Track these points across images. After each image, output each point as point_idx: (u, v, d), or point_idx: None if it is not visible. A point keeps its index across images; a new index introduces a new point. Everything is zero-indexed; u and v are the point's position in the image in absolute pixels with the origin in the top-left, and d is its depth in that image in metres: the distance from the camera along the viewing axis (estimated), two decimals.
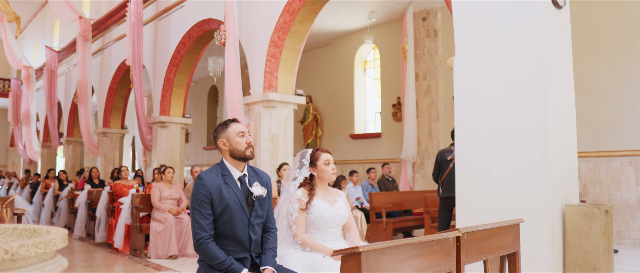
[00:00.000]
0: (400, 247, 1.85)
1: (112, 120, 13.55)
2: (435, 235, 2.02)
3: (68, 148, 16.13)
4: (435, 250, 2.00)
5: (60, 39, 19.15)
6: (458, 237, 2.15)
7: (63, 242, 1.30)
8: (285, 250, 3.17)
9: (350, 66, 13.33)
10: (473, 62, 4.60)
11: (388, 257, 1.79)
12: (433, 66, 10.62)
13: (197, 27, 9.52)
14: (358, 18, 11.83)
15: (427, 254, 1.95)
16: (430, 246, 1.98)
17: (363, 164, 12.37)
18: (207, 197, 2.66)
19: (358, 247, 1.69)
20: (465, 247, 2.18)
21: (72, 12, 12.68)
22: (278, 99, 7.73)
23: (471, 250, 2.23)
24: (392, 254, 1.81)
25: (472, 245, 2.24)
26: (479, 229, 2.28)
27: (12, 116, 19.47)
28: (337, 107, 13.60)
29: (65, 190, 10.36)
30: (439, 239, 2.03)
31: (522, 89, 4.23)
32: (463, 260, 2.15)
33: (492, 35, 4.44)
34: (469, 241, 2.20)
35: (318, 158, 3.31)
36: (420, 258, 1.93)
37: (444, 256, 2.04)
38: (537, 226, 4.03)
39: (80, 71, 12.95)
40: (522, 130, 4.22)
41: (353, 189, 9.20)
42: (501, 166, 4.33)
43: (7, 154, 25.07)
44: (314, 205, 3.18)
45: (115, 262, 6.93)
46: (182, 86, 10.65)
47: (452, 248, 2.11)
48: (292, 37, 7.67)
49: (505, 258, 2.61)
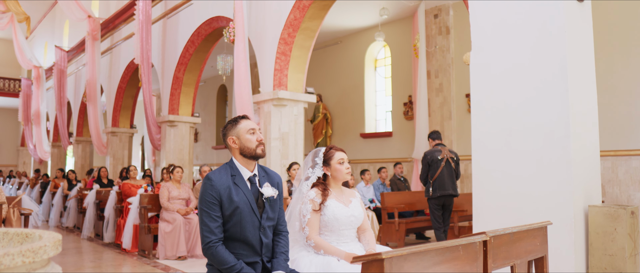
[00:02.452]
0: (425, 252, 1.70)
1: (121, 119, 13.50)
2: (461, 239, 1.88)
3: (77, 147, 16.12)
4: (462, 255, 1.86)
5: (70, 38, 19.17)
6: (485, 241, 2.00)
7: (55, 248, 1.17)
8: (297, 253, 3.04)
9: (361, 64, 13.17)
10: (490, 58, 4.43)
11: (412, 263, 1.65)
12: (445, 63, 10.43)
13: (206, 25, 9.42)
14: (369, 15, 11.67)
15: (453, 260, 1.81)
16: (456, 251, 1.84)
17: (374, 163, 12.22)
18: (216, 198, 2.53)
19: (381, 252, 1.55)
20: (493, 251, 2.03)
21: (81, 11, 12.64)
22: (288, 97, 7.60)
23: (498, 255, 2.08)
24: (417, 260, 1.66)
25: (500, 249, 2.09)
26: (506, 232, 2.12)
27: (22, 116, 19.53)
28: (347, 106, 13.45)
29: (74, 190, 10.30)
30: (465, 244, 1.89)
31: (542, 86, 4.05)
32: (490, 266, 2.01)
33: (511, 30, 4.27)
34: (495, 245, 2.05)
35: (332, 157, 3.18)
36: (446, 264, 1.78)
37: (470, 261, 1.90)
38: (559, 228, 3.86)
39: (89, 70, 12.91)
40: (542, 129, 4.05)
41: (364, 188, 9.06)
42: (520, 167, 4.16)
43: (18, 154, 25.19)
44: (328, 206, 3.05)
45: (124, 262, 6.84)
46: (191, 84, 10.55)
47: (479, 253, 1.96)
48: (302, 34, 7.54)
49: (532, 263, 2.45)
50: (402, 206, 7.81)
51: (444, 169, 6.54)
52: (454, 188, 6.61)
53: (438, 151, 6.65)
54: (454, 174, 6.66)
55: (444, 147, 6.74)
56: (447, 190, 6.52)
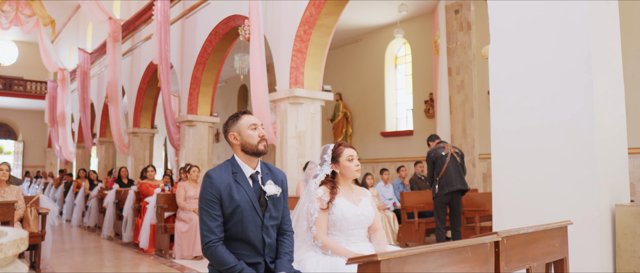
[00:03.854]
0: (428, 254, 1.57)
1: (142, 120, 13.61)
2: (469, 240, 1.74)
3: (101, 148, 16.34)
4: (470, 257, 1.72)
5: (93, 40, 19.48)
6: (497, 242, 1.86)
7: (15, 247, 1.08)
8: (304, 253, 2.93)
9: (381, 62, 13.00)
10: (510, 50, 4.25)
11: (413, 265, 1.52)
12: (467, 60, 10.19)
13: (223, 24, 9.39)
14: (388, 12, 11.50)
15: (459, 262, 1.67)
16: (464, 252, 1.70)
17: (395, 162, 12.04)
18: (216, 197, 2.43)
19: (377, 254, 1.42)
20: (505, 253, 1.88)
21: (103, 13, 12.79)
22: (304, 95, 7.49)
23: (512, 257, 1.93)
24: (419, 262, 1.53)
25: (514, 251, 1.94)
26: (521, 233, 1.97)
27: (48, 118, 19.92)
28: (367, 104, 13.29)
29: (95, 190, 10.41)
30: (474, 245, 1.74)
31: (565, 78, 3.85)
32: (503, 268, 1.86)
33: (531, 20, 4.08)
34: (509, 246, 1.90)
35: (340, 154, 3.05)
36: (452, 266, 1.64)
37: (480, 264, 1.75)
38: (584, 228, 3.66)
39: (110, 71, 13.05)
40: (565, 123, 3.85)
41: (384, 188, 8.90)
42: (542, 164, 3.96)
43: (45, 155, 25.73)
44: (336, 205, 2.93)
45: (141, 262, 6.83)
46: (209, 84, 10.55)
47: (490, 254, 1.82)
48: (318, 31, 7.43)
49: (550, 265, 2.29)
50: (422, 205, 7.63)
51: (450, 164, 6.33)
52: (463, 182, 6.39)
53: (441, 148, 6.48)
54: (461, 169, 6.46)
55: (447, 144, 6.59)
56: (455, 186, 6.29)
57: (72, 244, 8.61)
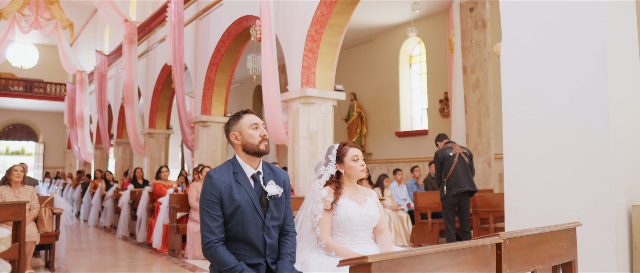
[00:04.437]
0: (424, 256, 1.52)
1: (158, 121, 13.73)
2: (469, 242, 1.68)
3: (118, 149, 16.53)
4: (469, 259, 1.66)
5: (110, 43, 19.73)
6: (498, 244, 1.80)
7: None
8: (308, 254, 2.89)
9: (395, 61, 12.91)
10: (522, 47, 4.15)
11: (408, 267, 1.47)
12: (482, 58, 10.04)
13: (236, 25, 9.41)
14: (402, 12, 11.41)
15: (458, 264, 1.61)
16: (463, 254, 1.64)
17: (409, 162, 11.93)
18: (216, 197, 2.41)
19: (368, 256, 1.38)
20: (508, 255, 1.82)
21: (118, 15, 12.93)
22: (316, 95, 7.46)
23: (515, 260, 1.86)
24: (413, 265, 1.48)
25: (517, 253, 1.88)
26: (525, 234, 1.91)
27: (67, 119, 20.23)
28: (382, 104, 13.21)
29: (111, 190, 10.52)
30: (473, 246, 1.69)
31: (579, 77, 3.74)
32: (505, 271, 1.80)
33: (544, 18, 3.98)
34: (512, 249, 1.84)
35: (345, 154, 3.01)
36: (449, 269, 1.59)
37: (480, 266, 1.70)
38: (599, 230, 3.55)
39: (126, 73, 13.19)
40: (579, 123, 3.74)
41: (397, 188, 8.82)
42: (556, 164, 3.86)
43: (65, 156, 26.15)
44: (340, 205, 2.88)
45: (154, 262, 6.87)
46: (222, 85, 10.58)
47: (491, 257, 1.76)
48: (330, 31, 7.39)
49: (558, 268, 2.21)
50: (436, 206, 7.54)
51: (458, 164, 6.21)
52: (471, 183, 6.26)
53: (449, 148, 6.37)
54: (469, 169, 6.34)
55: (455, 144, 6.47)
56: (463, 186, 6.17)
57: (87, 244, 8.70)
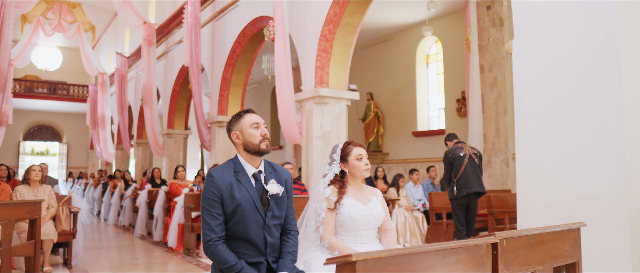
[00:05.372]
0: (413, 255, 1.50)
1: (176, 121, 13.89)
2: (462, 241, 1.66)
3: (138, 149, 16.77)
4: (462, 259, 1.63)
5: (130, 45, 20.04)
6: (494, 244, 1.76)
7: None
8: (312, 253, 2.88)
9: (412, 60, 12.83)
10: (534, 44, 4.08)
11: (396, 267, 1.45)
12: (499, 57, 9.91)
13: (251, 26, 9.46)
14: (418, 11, 11.33)
15: (449, 264, 1.59)
16: (455, 254, 1.62)
17: (426, 162, 11.84)
18: (217, 195, 2.43)
19: (352, 254, 1.37)
20: (505, 255, 1.79)
21: (137, 18, 13.12)
22: (329, 94, 7.45)
23: (513, 260, 1.83)
24: (401, 264, 1.46)
25: (515, 253, 1.84)
26: (523, 235, 1.87)
27: (90, 120, 20.62)
28: (399, 104, 13.14)
29: (129, 190, 10.67)
30: (467, 246, 1.66)
31: (593, 74, 3.66)
32: (501, 271, 1.76)
33: (556, 13, 3.91)
34: (509, 249, 1.81)
35: (349, 153, 3.00)
36: (441, 268, 1.57)
37: (473, 266, 1.67)
38: (614, 231, 3.48)
39: (145, 74, 13.37)
40: (593, 122, 3.66)
41: (413, 188, 8.76)
42: (568, 163, 3.78)
43: (87, 156, 26.65)
44: (344, 205, 2.88)
45: (170, 261, 6.95)
46: (239, 85, 10.65)
47: (486, 257, 1.73)
48: (343, 30, 7.37)
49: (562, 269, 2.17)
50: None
51: (468, 165, 6.15)
52: (481, 184, 6.21)
53: (459, 148, 6.32)
54: (479, 170, 6.27)
55: (465, 144, 6.41)
56: (473, 188, 6.11)
57: (106, 242, 8.85)
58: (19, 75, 23.89)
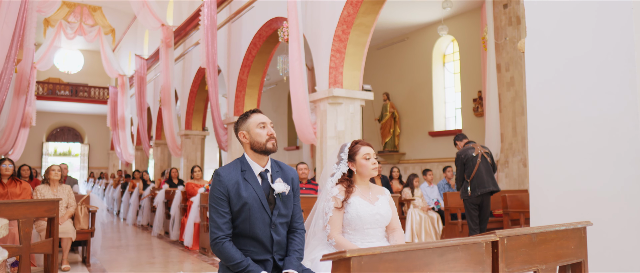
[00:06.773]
0: (409, 252, 1.51)
1: (194, 122, 14.04)
2: (461, 239, 1.66)
3: (156, 150, 17.00)
4: (461, 257, 1.64)
5: (149, 47, 20.33)
6: (495, 242, 1.76)
7: None
8: (319, 252, 2.91)
9: (428, 60, 12.76)
10: (547, 42, 4.04)
11: (391, 264, 1.46)
12: (516, 55, 9.79)
13: (266, 27, 9.53)
14: (434, 10, 11.27)
15: (447, 262, 1.60)
16: (454, 252, 1.62)
17: (443, 162, 11.76)
18: (223, 194, 2.47)
19: (346, 251, 1.39)
20: (506, 254, 1.78)
21: (155, 20, 13.30)
22: (343, 95, 7.47)
23: (514, 259, 1.82)
24: (397, 261, 1.48)
25: (516, 252, 1.84)
26: (525, 233, 1.86)
27: (110, 122, 20.97)
28: (415, 104, 13.08)
29: (147, 190, 10.83)
30: (466, 244, 1.66)
31: (606, 71, 3.61)
32: (501, 270, 1.76)
33: (569, 10, 3.86)
34: (510, 247, 1.80)
35: (357, 152, 3.02)
36: (438, 266, 1.58)
37: (472, 265, 1.67)
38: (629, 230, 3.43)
39: (163, 76, 13.55)
40: (607, 120, 3.61)
41: (428, 189, 8.72)
42: (582, 163, 3.74)
43: (108, 157, 27.10)
44: (351, 204, 2.89)
45: (186, 259, 7.04)
46: (254, 86, 10.73)
47: (486, 255, 1.73)
48: (356, 31, 7.38)
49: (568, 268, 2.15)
50: None
51: (481, 165, 6.13)
52: (494, 183, 6.19)
53: (471, 149, 6.31)
54: (492, 169, 6.25)
55: (476, 144, 6.38)
56: (487, 187, 6.09)
57: (125, 241, 8.99)
58: (41, 78, 24.42)
